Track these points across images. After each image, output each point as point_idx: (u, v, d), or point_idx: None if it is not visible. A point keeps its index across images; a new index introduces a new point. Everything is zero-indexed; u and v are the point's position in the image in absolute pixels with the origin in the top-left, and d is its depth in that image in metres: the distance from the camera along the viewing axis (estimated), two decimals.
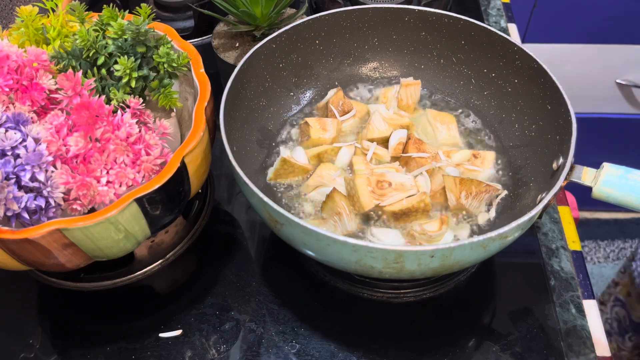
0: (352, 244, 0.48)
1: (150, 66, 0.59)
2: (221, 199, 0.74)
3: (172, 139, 0.61)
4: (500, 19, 1.00)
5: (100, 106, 0.53)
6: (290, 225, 0.51)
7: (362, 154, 0.67)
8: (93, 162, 0.52)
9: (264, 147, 0.70)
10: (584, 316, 0.61)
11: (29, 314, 0.64)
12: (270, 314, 0.62)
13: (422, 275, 0.53)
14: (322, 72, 0.76)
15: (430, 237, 0.59)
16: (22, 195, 0.49)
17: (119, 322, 0.63)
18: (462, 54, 0.73)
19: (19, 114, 0.52)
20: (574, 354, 0.58)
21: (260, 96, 0.70)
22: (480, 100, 0.73)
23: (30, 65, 0.55)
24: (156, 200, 0.52)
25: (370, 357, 0.59)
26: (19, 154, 0.49)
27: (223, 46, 0.80)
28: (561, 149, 0.58)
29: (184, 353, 0.59)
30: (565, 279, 0.64)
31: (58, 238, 0.49)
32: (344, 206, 0.60)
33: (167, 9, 0.97)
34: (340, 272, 0.64)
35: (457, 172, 0.66)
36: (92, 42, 0.57)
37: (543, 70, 0.63)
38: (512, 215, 0.61)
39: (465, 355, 0.58)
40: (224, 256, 0.68)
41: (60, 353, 0.60)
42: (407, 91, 0.73)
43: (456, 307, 0.63)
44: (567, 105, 0.59)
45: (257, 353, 0.59)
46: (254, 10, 0.76)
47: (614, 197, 0.53)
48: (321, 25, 0.72)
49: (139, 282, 0.65)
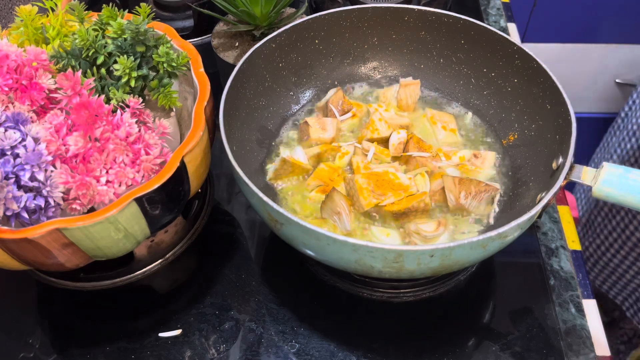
0: (352, 243, 0.48)
1: (149, 66, 0.59)
2: (221, 198, 0.74)
3: (171, 139, 0.61)
4: (500, 18, 1.00)
5: (99, 106, 0.53)
6: (290, 225, 0.51)
7: (362, 154, 0.67)
8: (92, 161, 0.52)
9: (263, 146, 0.70)
10: (583, 316, 0.61)
11: (28, 313, 0.64)
12: (270, 313, 0.62)
13: (421, 275, 0.53)
14: (321, 72, 0.76)
15: (425, 237, 0.59)
16: (21, 195, 0.49)
17: (118, 321, 0.63)
18: (461, 54, 0.73)
19: (19, 113, 0.52)
20: (573, 354, 0.58)
21: (259, 96, 0.70)
22: (479, 100, 0.73)
23: (29, 64, 0.55)
24: (156, 200, 0.52)
25: (369, 357, 0.59)
26: (19, 153, 0.49)
27: (223, 46, 0.80)
28: (561, 148, 0.58)
29: (184, 353, 0.59)
30: (564, 278, 0.64)
31: (57, 238, 0.49)
32: (344, 206, 0.60)
33: (167, 9, 0.97)
34: (340, 271, 0.64)
35: (457, 172, 0.66)
36: (91, 42, 0.57)
37: (543, 69, 0.63)
38: (511, 214, 0.61)
39: (465, 354, 0.58)
40: (224, 256, 0.67)
41: (59, 352, 0.60)
42: (406, 91, 0.73)
43: (456, 306, 0.63)
44: (567, 104, 0.59)
45: (256, 353, 0.59)
46: (253, 10, 0.76)
47: (613, 196, 0.53)
48: (321, 25, 0.72)
49: (138, 281, 0.65)
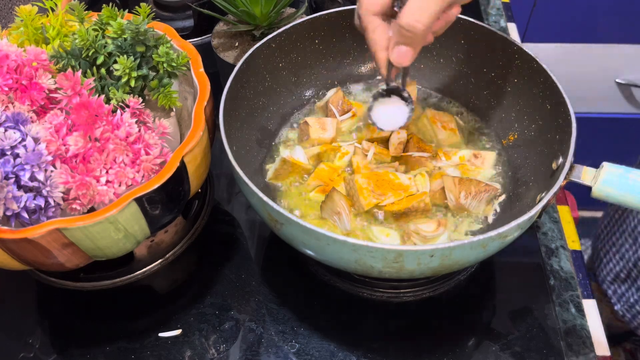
0: (352, 243, 0.48)
1: (149, 66, 0.59)
2: (221, 198, 0.74)
3: (171, 139, 0.61)
4: (500, 18, 1.00)
5: (99, 106, 0.53)
6: (290, 224, 0.51)
7: (362, 154, 0.67)
8: (92, 161, 0.52)
9: (263, 146, 0.70)
10: (583, 316, 0.61)
11: (28, 313, 0.64)
12: (270, 313, 0.62)
13: (421, 275, 0.53)
14: (321, 72, 0.76)
15: (424, 237, 0.59)
16: (21, 195, 0.49)
17: (118, 321, 0.63)
18: (461, 54, 0.73)
19: (19, 113, 0.52)
20: (573, 354, 0.58)
21: (259, 95, 0.70)
22: (479, 100, 0.73)
23: (29, 64, 0.55)
24: (156, 200, 0.52)
25: (369, 357, 0.59)
26: (19, 153, 0.49)
27: (222, 46, 0.80)
28: (561, 148, 0.58)
29: (184, 353, 0.59)
30: (564, 278, 0.64)
31: (57, 238, 0.49)
32: (344, 206, 0.60)
33: (167, 9, 0.97)
34: (339, 271, 0.64)
35: (457, 172, 0.66)
36: (91, 42, 0.57)
37: (543, 69, 0.63)
38: (511, 214, 0.61)
39: (465, 354, 0.58)
40: (224, 256, 0.67)
41: (59, 352, 0.60)
42: None
43: (456, 306, 0.63)
44: (567, 104, 0.59)
45: (256, 353, 0.59)
46: (253, 10, 0.76)
47: (613, 196, 0.53)
48: (321, 25, 0.72)
49: (138, 281, 0.65)
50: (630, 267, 1.01)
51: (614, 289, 1.06)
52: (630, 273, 1.01)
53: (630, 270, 1.01)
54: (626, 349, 1.21)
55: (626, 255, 1.02)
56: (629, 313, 1.04)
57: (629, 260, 1.01)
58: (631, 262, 1.00)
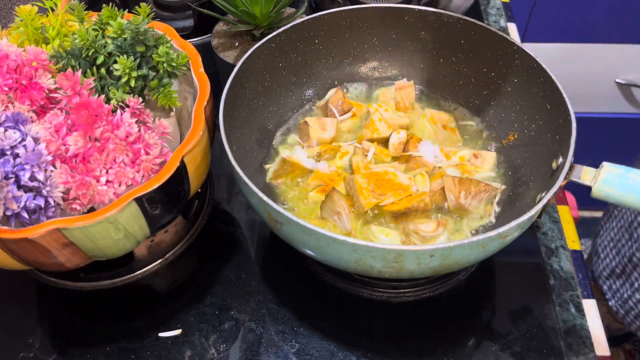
0: (352, 243, 0.48)
1: (149, 65, 0.59)
2: (221, 198, 0.74)
3: (171, 139, 0.61)
4: (499, 18, 1.00)
5: (99, 105, 0.53)
6: (290, 224, 0.51)
7: (362, 154, 0.67)
8: (92, 161, 0.52)
9: (263, 146, 0.70)
10: (583, 316, 0.61)
11: (28, 313, 0.64)
12: (270, 313, 0.62)
13: (421, 275, 0.53)
14: (321, 72, 0.76)
15: (423, 237, 0.59)
16: (21, 195, 0.49)
17: (118, 321, 0.63)
18: (461, 54, 0.73)
19: (18, 113, 0.52)
20: (573, 354, 0.58)
21: (259, 95, 0.70)
22: (479, 100, 0.73)
23: (29, 64, 0.55)
24: (155, 200, 0.52)
25: (369, 357, 0.59)
26: (18, 153, 0.49)
27: (222, 45, 0.80)
28: (561, 148, 0.58)
29: (184, 352, 0.59)
30: (564, 278, 0.64)
31: (57, 237, 0.49)
32: (344, 206, 0.60)
33: (167, 8, 0.97)
34: (339, 271, 0.64)
35: (457, 172, 0.66)
36: (91, 42, 0.57)
37: (543, 69, 0.63)
38: (511, 214, 0.61)
39: (465, 354, 0.58)
40: (224, 256, 0.67)
41: (59, 352, 0.60)
42: (401, 93, 0.73)
43: (456, 306, 0.63)
44: (567, 104, 0.59)
45: (256, 352, 0.59)
46: (253, 10, 0.76)
47: (613, 196, 0.53)
48: (321, 25, 0.72)
49: (138, 281, 0.65)
50: (625, 262, 1.01)
51: (609, 285, 1.06)
52: (625, 268, 1.01)
53: (625, 265, 1.01)
54: (625, 350, 1.21)
55: (622, 251, 1.02)
56: (623, 309, 1.04)
57: (624, 256, 1.01)
58: (626, 257, 1.00)
